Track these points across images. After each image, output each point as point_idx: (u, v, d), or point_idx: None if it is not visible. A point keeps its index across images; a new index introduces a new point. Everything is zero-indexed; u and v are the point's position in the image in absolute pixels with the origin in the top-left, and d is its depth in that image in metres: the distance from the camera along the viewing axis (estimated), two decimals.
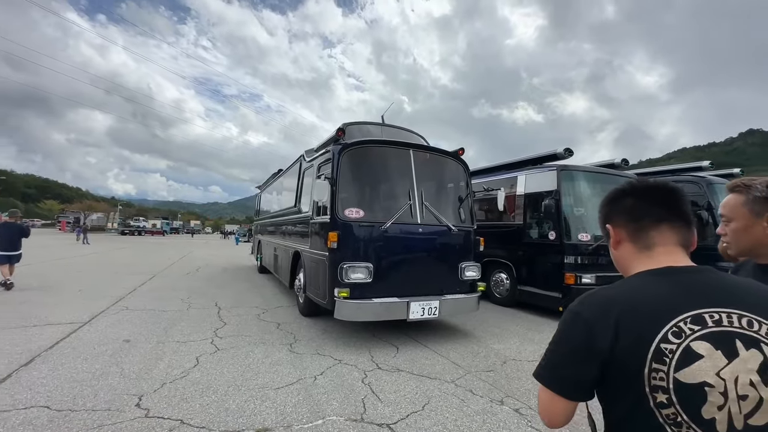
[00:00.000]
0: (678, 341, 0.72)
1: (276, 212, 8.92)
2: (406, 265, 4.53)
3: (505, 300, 7.08)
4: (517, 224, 6.85)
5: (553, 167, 6.48)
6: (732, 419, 0.70)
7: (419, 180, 4.84)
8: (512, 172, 7.28)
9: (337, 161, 4.69)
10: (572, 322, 0.81)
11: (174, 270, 11.35)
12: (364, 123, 6.17)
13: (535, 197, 6.62)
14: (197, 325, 5.05)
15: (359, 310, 4.25)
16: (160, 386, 3.08)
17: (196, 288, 8.11)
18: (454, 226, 4.84)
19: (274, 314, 5.88)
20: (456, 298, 4.69)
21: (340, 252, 4.38)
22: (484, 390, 3.26)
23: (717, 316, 0.73)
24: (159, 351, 3.94)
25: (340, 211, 4.50)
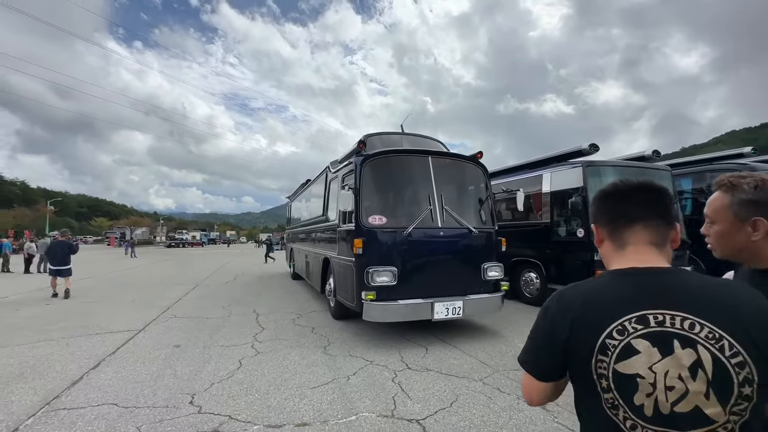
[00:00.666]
0: (621, 338, 0.82)
1: (306, 221, 9.22)
2: (429, 267, 4.71)
3: (535, 299, 7.05)
4: (544, 223, 6.82)
5: (578, 164, 6.42)
6: (658, 405, 0.79)
7: (439, 185, 5.02)
8: (537, 171, 7.26)
9: (359, 172, 4.95)
10: (542, 315, 0.93)
11: (214, 280, 11.92)
12: (384, 133, 6.42)
13: (561, 195, 6.59)
14: (238, 330, 5.36)
15: (386, 311, 4.46)
16: (209, 386, 3.38)
17: (235, 296, 8.51)
18: (474, 228, 4.99)
19: (309, 319, 6.12)
20: (479, 298, 4.83)
21: (365, 257, 4.62)
22: (512, 388, 3.34)
23: (660, 318, 0.82)
24: (206, 355, 4.27)
25: (364, 219, 4.73)
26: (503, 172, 8.39)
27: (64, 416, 2.86)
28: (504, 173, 8.37)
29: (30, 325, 5.71)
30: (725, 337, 0.79)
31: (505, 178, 8.14)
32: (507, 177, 8.15)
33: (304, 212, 10.02)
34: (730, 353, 0.78)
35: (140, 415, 2.87)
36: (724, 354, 0.79)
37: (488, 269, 5.04)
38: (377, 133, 6.31)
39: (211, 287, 10.08)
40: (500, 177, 8.34)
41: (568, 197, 6.26)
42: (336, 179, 6.18)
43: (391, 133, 6.51)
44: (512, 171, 8.11)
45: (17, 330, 5.46)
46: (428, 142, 6.46)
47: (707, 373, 0.79)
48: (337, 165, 6.40)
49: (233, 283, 11.16)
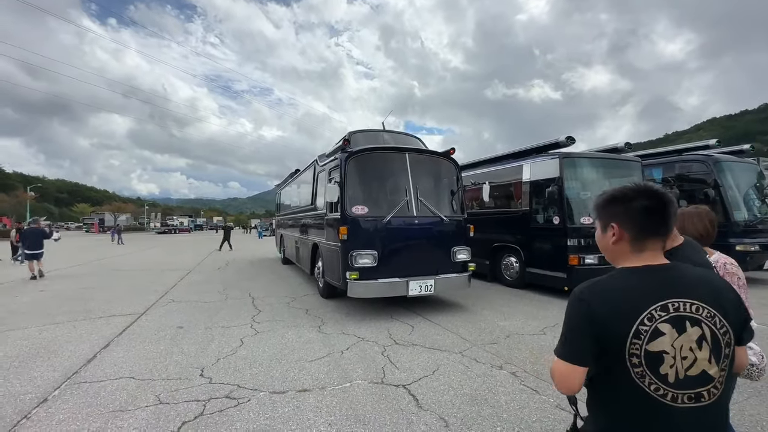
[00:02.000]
0: (650, 324, 0.98)
1: (295, 209, 9.73)
2: (405, 250, 5.34)
3: (514, 282, 7.42)
4: (523, 210, 7.16)
5: (556, 155, 6.71)
6: (677, 372, 0.99)
7: (415, 178, 5.61)
8: (518, 161, 7.56)
9: (343, 167, 5.51)
10: (577, 305, 1.03)
11: (206, 266, 12.05)
12: (367, 130, 7.00)
13: (539, 184, 6.90)
14: (236, 312, 5.61)
15: (367, 288, 5.14)
16: (215, 361, 3.71)
17: (230, 281, 8.74)
18: (445, 217, 5.60)
19: (302, 302, 6.42)
20: (449, 277, 5.49)
21: (349, 242, 5.23)
22: (487, 358, 3.75)
23: (677, 305, 0.99)
24: (209, 335, 4.57)
25: (348, 209, 5.33)
26: (488, 162, 8.66)
27: (87, 388, 3.16)
28: (488, 163, 8.65)
29: (33, 311, 5.90)
30: (716, 314, 1.00)
31: (490, 168, 8.43)
32: (491, 166, 8.44)
33: (294, 200, 10.38)
34: (720, 326, 1.00)
35: (157, 386, 3.19)
36: (716, 327, 1.00)
37: (457, 252, 5.65)
38: (361, 130, 6.87)
39: (204, 273, 10.25)
40: (485, 166, 8.62)
41: (546, 187, 6.59)
42: (324, 172, 6.70)
43: (374, 130, 7.05)
44: (496, 161, 8.39)
45: (22, 315, 5.65)
46: (407, 139, 6.99)
47: (709, 343, 0.99)
48: (325, 159, 6.94)
49: (226, 268, 11.33)
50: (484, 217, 8.18)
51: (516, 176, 7.47)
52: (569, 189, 6.45)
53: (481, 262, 8.12)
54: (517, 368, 3.53)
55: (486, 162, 8.75)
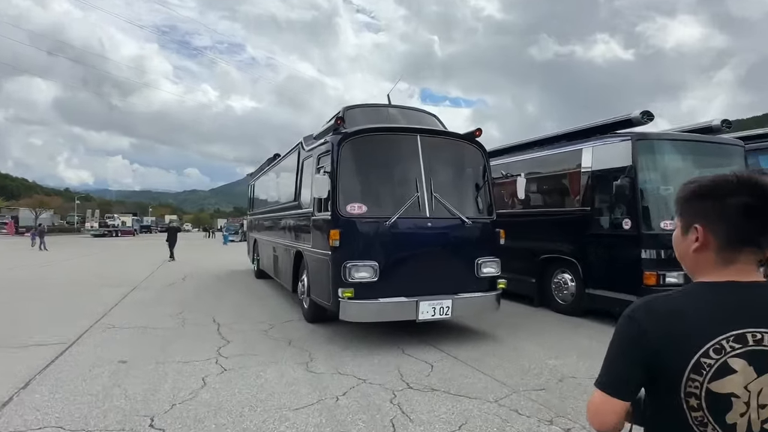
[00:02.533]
0: (717, 357, 0.97)
1: (273, 206, 9.92)
2: (415, 262, 5.52)
3: (569, 307, 7.45)
4: (582, 210, 7.17)
5: (627, 136, 6.68)
6: (751, 424, 0.98)
7: (428, 169, 5.74)
8: (575, 144, 7.56)
9: (336, 153, 5.63)
10: (626, 325, 1.05)
11: (156, 280, 12.27)
12: (367, 105, 7.10)
13: (604, 175, 6.88)
14: (197, 343, 5.73)
15: (365, 310, 5.31)
16: (169, 407, 3.75)
17: (187, 301, 8.88)
18: (468, 219, 5.77)
19: (284, 330, 6.49)
20: (472, 297, 5.66)
21: (343, 250, 5.39)
22: (532, 410, 3.74)
23: (759, 336, 0.98)
24: (160, 372, 4.63)
25: (341, 207, 5.48)
26: (531, 145, 8.68)
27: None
28: (532, 146, 8.66)
29: None
30: None
31: (534, 153, 8.45)
32: (536, 151, 8.46)
33: (272, 195, 10.54)
34: None
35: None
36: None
37: (483, 265, 5.82)
38: (358, 105, 6.94)
39: (154, 289, 10.44)
40: (527, 151, 8.66)
41: (613, 179, 6.55)
42: (310, 159, 6.81)
43: (376, 105, 7.14)
44: (543, 144, 8.40)
45: None
46: (420, 117, 7.10)
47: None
48: (312, 142, 7.05)
49: (182, 283, 11.53)
50: (527, 220, 8.25)
51: (571, 164, 7.49)
52: (645, 182, 6.46)
53: (524, 281, 8.18)
54: (573, 423, 3.51)
55: (527, 146, 8.78)
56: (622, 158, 6.60)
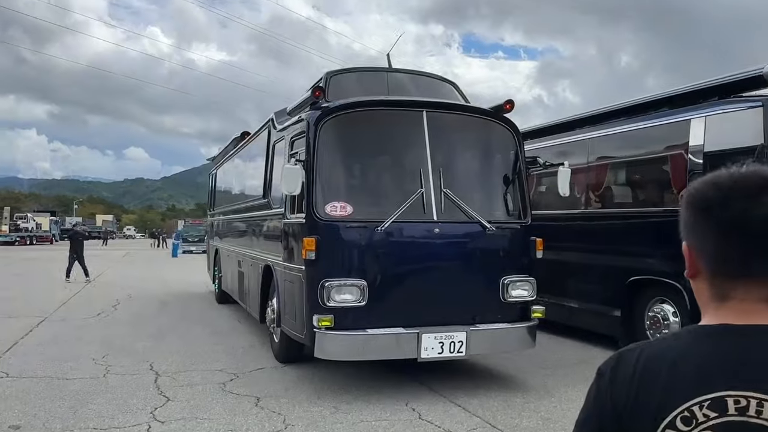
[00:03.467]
0: (686, 429, 0.97)
1: (239, 206, 10.16)
2: (417, 281, 5.63)
3: None
4: None
5: (757, 101, 6.42)
6: None
7: (438, 156, 5.79)
8: (679, 114, 7.25)
9: (313, 135, 5.66)
10: (595, 383, 1.11)
11: (77, 307, 12.06)
12: (360, 70, 7.38)
13: (724, 158, 6.55)
14: (123, 401, 5.58)
15: (347, 344, 5.39)
16: None
17: (116, 338, 8.63)
18: (491, 223, 5.77)
19: (250, 382, 6.27)
20: (495, 329, 5.73)
21: (320, 264, 5.45)
22: None
23: (744, 402, 0.95)
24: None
25: (319, 207, 5.57)
26: (612, 115, 8.40)
27: None
28: (613, 116, 8.36)
29: None
30: None
31: (614, 127, 8.14)
32: (617, 124, 8.15)
33: (237, 190, 10.89)
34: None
35: None
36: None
37: (511, 286, 5.81)
38: (347, 69, 7.27)
39: (72, 322, 10.24)
40: (605, 124, 8.38)
41: (737, 161, 5.98)
42: (282, 142, 6.95)
43: (371, 69, 7.44)
44: (630, 113, 8.08)
45: None
46: (431, 85, 7.19)
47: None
48: (285, 119, 7.11)
49: (113, 313, 11.33)
50: (604, 225, 8.06)
51: (673, 142, 7.17)
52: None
53: (602, 313, 7.92)
54: None
55: (610, 115, 8.47)
56: (751, 133, 6.31)
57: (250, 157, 9.71)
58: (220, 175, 13.36)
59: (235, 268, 10.18)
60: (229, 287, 11.28)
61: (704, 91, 7.12)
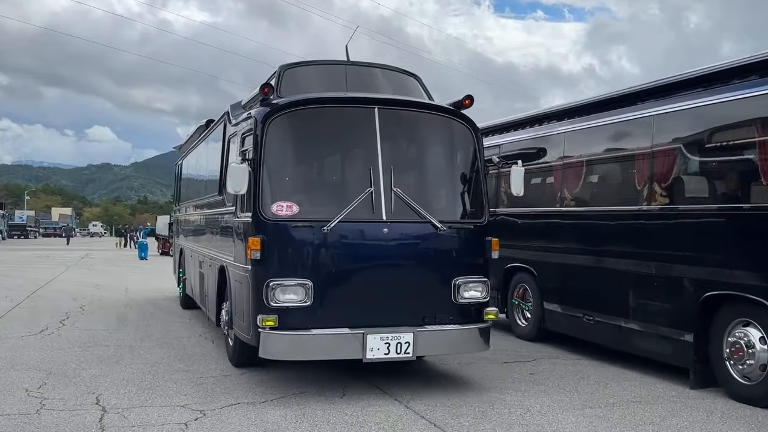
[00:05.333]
0: None
1: (199, 201, 11.44)
2: (364, 282, 6.53)
3: (760, 391, 6.87)
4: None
5: None
6: None
7: (389, 154, 6.64)
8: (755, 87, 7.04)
9: (261, 133, 6.52)
10: None
11: (15, 322, 11.97)
12: (316, 63, 8.47)
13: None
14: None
15: (292, 344, 6.30)
16: None
17: (60, 363, 8.46)
18: (443, 223, 6.63)
19: (219, 423, 6.06)
20: (444, 330, 6.64)
21: (265, 264, 6.36)
22: None
23: None
24: None
25: (265, 207, 6.42)
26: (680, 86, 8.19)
27: None
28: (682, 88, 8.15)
29: None
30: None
31: (689, 101, 7.90)
32: (693, 98, 7.90)
33: (198, 185, 12.11)
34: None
35: None
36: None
37: (463, 287, 6.70)
38: (303, 62, 8.28)
39: (5, 341, 10.13)
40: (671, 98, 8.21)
41: None
42: (236, 137, 7.89)
43: (329, 62, 8.45)
44: (704, 83, 7.87)
45: None
46: (390, 79, 8.16)
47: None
48: (240, 113, 8.16)
49: (60, 330, 11.14)
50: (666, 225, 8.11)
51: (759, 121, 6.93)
52: None
53: (667, 336, 7.76)
54: None
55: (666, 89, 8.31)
56: None
57: (209, 150, 10.69)
58: (185, 167, 14.33)
59: (197, 270, 11.22)
60: (192, 290, 12.34)
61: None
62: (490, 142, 11.66)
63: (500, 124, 12.33)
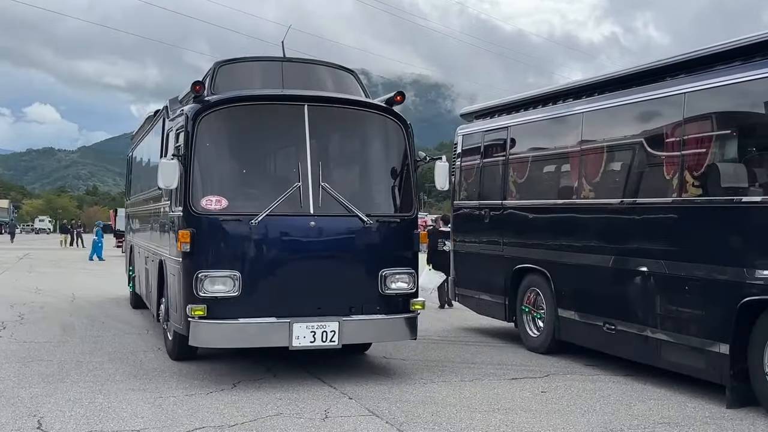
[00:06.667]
0: None
1: (145, 195, 12.67)
2: (291, 273, 7.63)
3: None
4: None
5: None
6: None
7: (317, 151, 7.75)
8: None
9: (191, 130, 7.53)
10: None
11: None
12: (250, 59, 9.47)
13: None
14: None
15: (219, 333, 7.47)
16: None
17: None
18: (370, 217, 7.70)
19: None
20: (369, 319, 7.78)
21: (195, 257, 7.44)
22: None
23: None
24: None
25: (195, 201, 7.47)
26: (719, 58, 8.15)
27: None
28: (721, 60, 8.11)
29: None
30: None
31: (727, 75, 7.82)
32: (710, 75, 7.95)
33: (143, 179, 13.50)
34: None
35: None
36: None
37: (389, 278, 7.81)
38: (238, 59, 9.27)
39: None
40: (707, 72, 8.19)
41: None
42: (172, 133, 8.97)
43: (264, 59, 9.47)
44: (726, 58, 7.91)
45: None
46: (326, 75, 9.35)
47: None
48: (177, 108, 9.35)
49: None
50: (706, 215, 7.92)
51: None
52: None
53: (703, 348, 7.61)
54: None
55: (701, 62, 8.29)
56: None
57: (152, 144, 11.86)
58: (134, 159, 15.55)
59: (143, 266, 12.50)
60: (140, 288, 13.59)
61: None
62: (496, 124, 11.67)
63: (508, 103, 12.19)
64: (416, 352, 10.23)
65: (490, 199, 11.73)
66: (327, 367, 8.80)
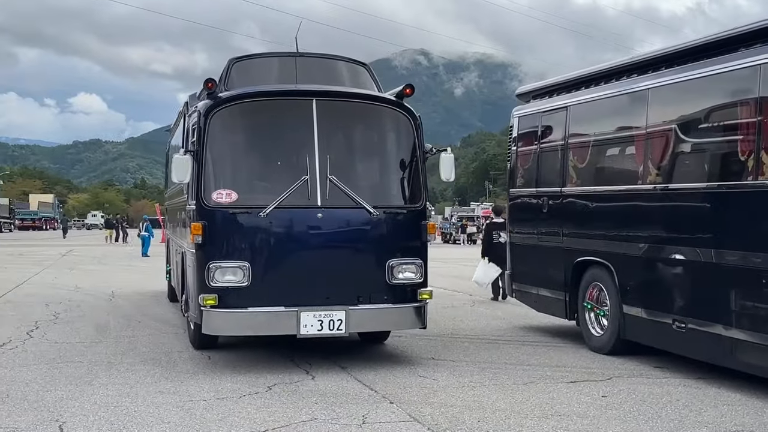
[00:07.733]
0: None
1: (173, 189, 13.82)
2: (299, 264, 8.39)
3: None
4: None
5: None
6: None
7: (326, 144, 8.38)
8: None
9: (204, 126, 8.26)
10: None
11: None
12: (267, 55, 10.67)
13: None
14: None
15: (230, 321, 8.35)
16: None
17: (20, 383, 8.53)
18: (377, 208, 8.43)
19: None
20: (376, 308, 8.48)
21: (207, 248, 8.25)
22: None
23: None
24: None
25: (207, 195, 8.28)
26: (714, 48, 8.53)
27: None
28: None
29: None
30: None
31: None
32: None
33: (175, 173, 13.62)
34: None
35: None
36: None
37: (397, 268, 8.48)
38: (251, 55, 10.43)
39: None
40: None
41: None
42: (190, 128, 9.59)
43: (278, 54, 10.66)
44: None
45: None
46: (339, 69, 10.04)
47: None
48: (194, 104, 10.08)
49: (26, 343, 11.33)
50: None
51: None
52: None
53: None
54: None
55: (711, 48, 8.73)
56: None
57: (178, 138, 12.54)
58: (171, 152, 15.52)
59: (173, 258, 13.85)
60: (173, 281, 14.49)
61: None
62: (555, 104, 11.38)
63: (567, 80, 11.96)
64: (468, 352, 10.25)
65: (548, 186, 11.51)
66: (368, 369, 8.95)
